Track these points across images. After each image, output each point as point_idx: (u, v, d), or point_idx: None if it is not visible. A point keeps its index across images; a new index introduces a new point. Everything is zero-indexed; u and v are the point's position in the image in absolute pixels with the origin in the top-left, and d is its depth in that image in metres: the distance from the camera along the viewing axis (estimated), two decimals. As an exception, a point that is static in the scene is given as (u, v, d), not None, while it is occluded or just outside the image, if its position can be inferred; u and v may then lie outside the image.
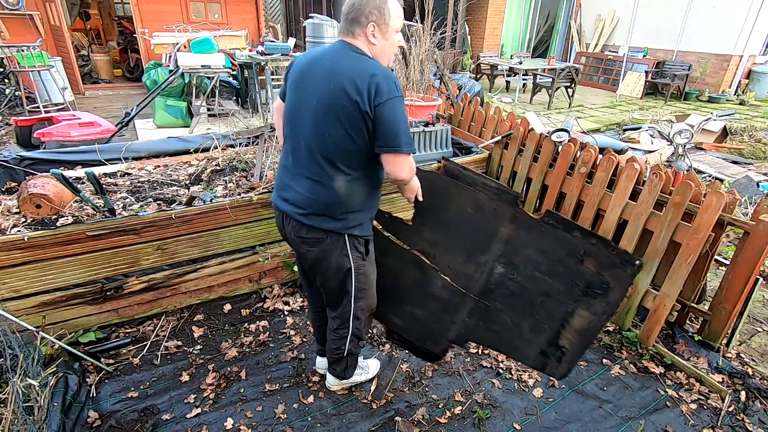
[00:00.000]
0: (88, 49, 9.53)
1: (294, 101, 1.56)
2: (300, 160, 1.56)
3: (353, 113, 1.43)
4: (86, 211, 2.56)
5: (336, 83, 1.43)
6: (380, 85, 1.40)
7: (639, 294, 2.42)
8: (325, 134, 1.48)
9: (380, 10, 1.47)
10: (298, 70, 1.57)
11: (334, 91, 1.43)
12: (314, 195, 1.55)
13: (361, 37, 1.50)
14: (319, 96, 1.46)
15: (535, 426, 1.99)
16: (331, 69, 1.46)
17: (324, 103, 1.45)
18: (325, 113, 1.46)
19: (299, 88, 1.54)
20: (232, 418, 1.95)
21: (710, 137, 6.07)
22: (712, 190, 2.11)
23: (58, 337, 2.13)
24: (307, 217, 1.57)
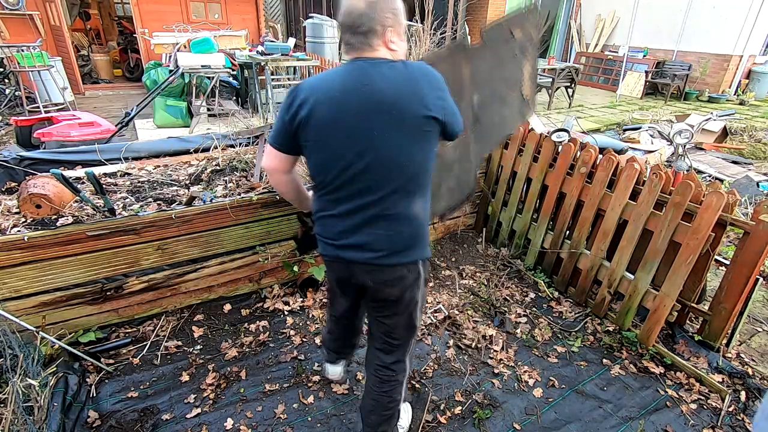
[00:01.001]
0: (88, 49, 9.53)
1: (337, 146, 1.34)
2: (365, 203, 1.37)
3: (431, 128, 1.34)
4: (86, 211, 2.56)
5: (401, 107, 1.28)
6: (438, 82, 1.35)
7: (639, 294, 2.42)
8: (403, 163, 1.34)
9: (394, 12, 1.34)
10: (322, 116, 1.32)
11: (403, 115, 1.29)
12: (395, 230, 1.40)
13: (381, 47, 1.34)
14: (381, 128, 1.30)
15: (535, 426, 1.99)
16: (382, 94, 1.28)
17: (395, 132, 1.30)
18: (400, 143, 1.32)
19: (339, 131, 1.32)
20: (232, 418, 1.95)
21: (710, 137, 6.07)
22: (712, 190, 2.11)
23: (58, 337, 2.13)
24: (389, 257, 1.41)
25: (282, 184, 1.57)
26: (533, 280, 3.00)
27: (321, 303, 2.71)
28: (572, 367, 2.33)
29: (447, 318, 2.62)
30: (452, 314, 2.65)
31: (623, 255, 2.48)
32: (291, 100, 1.36)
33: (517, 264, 3.13)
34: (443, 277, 3.05)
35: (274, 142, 1.44)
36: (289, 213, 2.64)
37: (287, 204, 2.60)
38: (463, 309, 2.70)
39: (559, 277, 2.91)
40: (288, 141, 1.41)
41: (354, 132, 1.31)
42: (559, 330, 2.58)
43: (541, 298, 2.86)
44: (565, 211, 2.79)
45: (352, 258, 1.44)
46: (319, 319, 2.57)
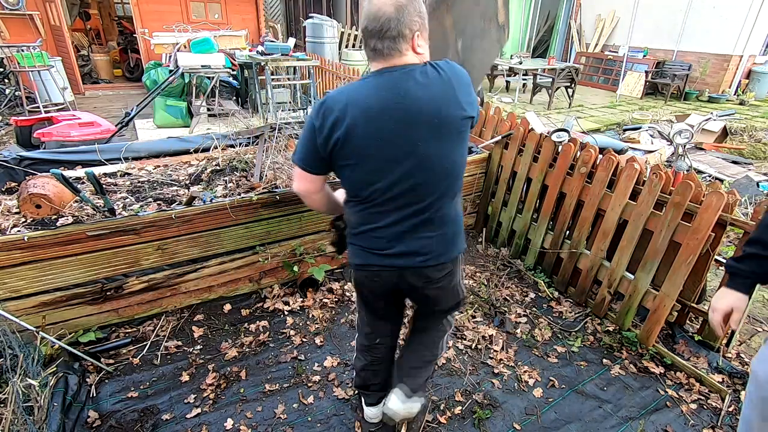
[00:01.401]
0: (88, 49, 9.53)
1: (380, 162, 1.32)
2: (413, 211, 1.39)
3: (466, 127, 1.36)
4: (86, 211, 2.56)
5: (440, 113, 1.29)
6: (465, 77, 1.36)
7: (639, 294, 2.42)
8: (447, 167, 1.37)
9: (421, 15, 1.29)
10: (361, 135, 1.29)
11: (442, 121, 1.30)
12: (442, 232, 1.44)
13: (409, 52, 1.30)
14: (424, 138, 1.30)
15: (535, 426, 1.99)
16: (420, 104, 1.27)
17: (436, 139, 1.31)
18: (442, 148, 1.33)
19: (381, 147, 1.30)
20: (232, 418, 1.95)
21: (710, 137, 6.07)
22: (712, 190, 2.11)
23: (58, 337, 2.13)
24: (437, 257, 1.46)
25: (317, 203, 1.55)
26: (533, 280, 3.00)
27: (321, 303, 2.71)
28: (572, 367, 2.33)
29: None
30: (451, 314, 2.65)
31: (623, 255, 2.48)
32: (321, 121, 1.30)
33: (517, 264, 3.13)
34: (443, 277, 3.05)
35: (305, 165, 1.40)
36: (289, 213, 2.64)
37: (287, 204, 2.60)
38: (463, 309, 2.70)
39: (559, 277, 2.91)
40: (321, 163, 1.39)
41: (397, 146, 1.30)
42: (559, 330, 2.58)
43: (541, 298, 2.86)
44: (565, 211, 2.79)
45: (403, 264, 1.45)
46: (319, 319, 2.58)
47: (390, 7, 1.25)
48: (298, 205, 2.64)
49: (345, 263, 3.03)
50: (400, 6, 1.25)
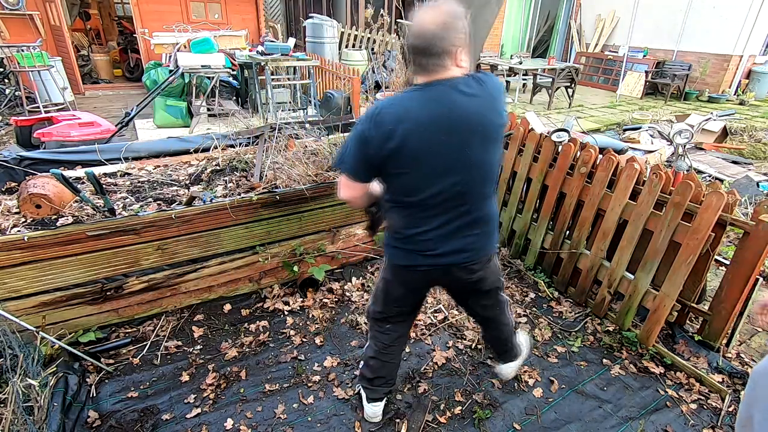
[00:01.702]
0: (88, 49, 9.53)
1: (431, 170, 1.42)
2: (459, 213, 1.50)
3: (502, 132, 1.51)
4: (86, 211, 2.56)
5: (484, 122, 1.41)
6: (501, 86, 1.49)
7: (639, 294, 2.42)
8: (488, 171, 1.50)
9: (465, 30, 1.37)
10: (414, 146, 1.37)
11: (486, 129, 1.42)
12: (484, 230, 1.58)
13: (453, 66, 1.38)
14: (471, 145, 1.41)
15: (535, 426, 1.99)
16: (467, 114, 1.37)
17: (481, 145, 1.43)
18: (486, 154, 1.45)
19: (432, 156, 1.40)
20: (232, 418, 1.95)
21: (710, 137, 6.07)
22: (712, 190, 2.11)
23: (58, 337, 2.13)
24: (480, 252, 1.60)
25: (359, 204, 1.64)
26: (533, 280, 3.00)
27: (321, 303, 2.71)
28: (572, 367, 2.33)
29: (447, 318, 2.62)
30: (452, 314, 2.65)
31: (623, 255, 2.48)
32: (374, 132, 1.37)
33: (517, 264, 3.13)
34: (443, 277, 3.05)
35: (355, 175, 1.48)
36: (289, 213, 2.64)
37: (287, 204, 2.60)
38: (463, 309, 2.69)
39: (559, 277, 2.91)
40: (370, 172, 1.48)
41: (447, 155, 1.40)
42: (559, 330, 2.58)
43: (541, 298, 2.86)
44: (565, 211, 2.79)
45: (451, 262, 1.57)
46: (319, 319, 2.58)
47: (435, 26, 1.32)
48: (298, 205, 2.64)
49: (345, 263, 3.03)
50: (444, 25, 1.32)
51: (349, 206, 1.64)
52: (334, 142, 3.25)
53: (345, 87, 6.30)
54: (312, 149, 3.20)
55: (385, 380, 1.92)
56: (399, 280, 1.72)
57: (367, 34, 9.62)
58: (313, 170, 2.88)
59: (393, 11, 9.88)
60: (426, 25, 1.33)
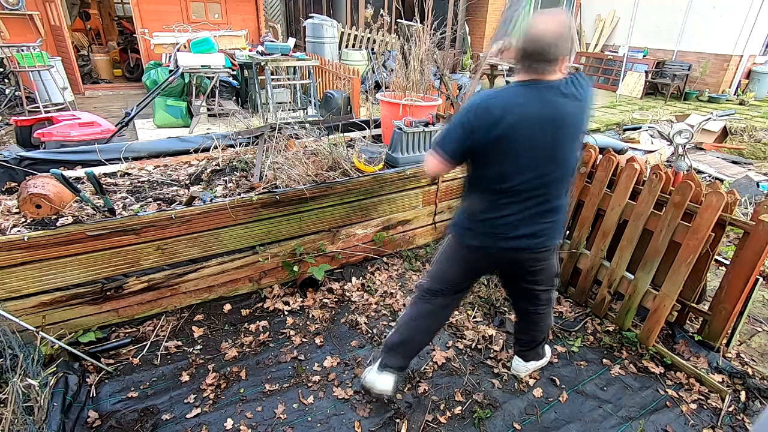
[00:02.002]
0: (88, 49, 9.53)
1: (528, 160, 1.56)
2: (539, 201, 1.65)
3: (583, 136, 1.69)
4: (86, 211, 2.56)
5: (577, 122, 1.59)
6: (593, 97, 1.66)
7: (639, 294, 2.42)
8: (572, 165, 1.66)
9: (573, 41, 1.58)
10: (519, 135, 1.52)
11: (578, 128, 1.60)
12: (557, 219, 1.72)
13: (558, 72, 1.55)
14: (565, 142, 1.58)
15: (535, 426, 1.99)
16: (566, 113, 1.55)
17: (571, 142, 1.61)
18: (572, 150, 1.63)
19: (532, 148, 1.55)
20: (232, 418, 1.95)
21: (710, 137, 6.07)
22: (712, 190, 2.11)
23: (58, 337, 2.13)
24: (550, 240, 1.74)
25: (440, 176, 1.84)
26: (533, 280, 2.99)
27: (321, 303, 2.71)
28: (572, 367, 2.33)
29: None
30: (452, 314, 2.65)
31: (623, 255, 2.48)
32: (479, 121, 1.52)
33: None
34: (443, 277, 3.05)
35: (450, 156, 1.61)
36: (289, 213, 2.64)
37: (287, 204, 2.60)
38: (463, 309, 2.70)
39: (559, 277, 2.90)
40: (465, 156, 1.63)
41: (542, 149, 1.55)
42: (559, 330, 2.58)
43: (541, 298, 2.86)
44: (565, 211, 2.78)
45: (523, 246, 1.70)
46: (319, 319, 2.58)
47: (551, 36, 1.47)
48: (298, 205, 2.64)
49: (345, 263, 3.03)
50: (560, 36, 1.48)
51: (428, 175, 1.90)
52: (334, 142, 3.25)
53: (345, 87, 6.30)
54: (312, 149, 3.20)
55: (406, 351, 1.95)
56: (464, 259, 1.84)
57: (367, 34, 9.62)
58: (313, 170, 2.88)
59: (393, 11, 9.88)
60: (543, 34, 1.48)
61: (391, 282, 2.94)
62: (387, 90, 4.14)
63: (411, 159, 3.22)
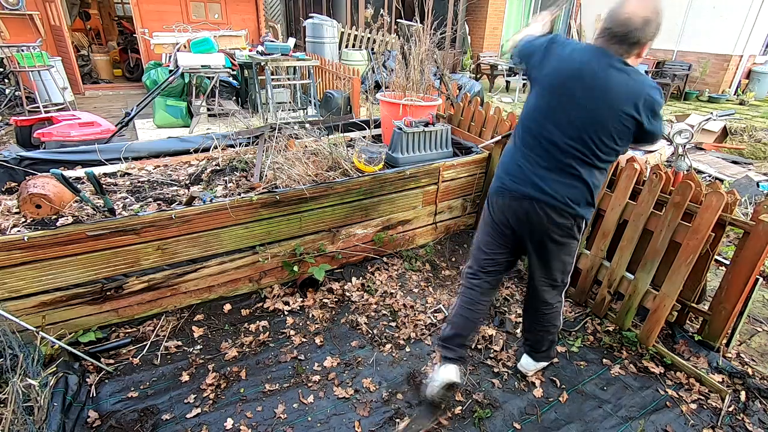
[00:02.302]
0: (88, 49, 9.53)
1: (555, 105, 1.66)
2: (558, 159, 1.69)
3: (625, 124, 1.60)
4: (86, 211, 2.56)
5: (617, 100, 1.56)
6: (655, 89, 1.58)
7: (639, 294, 2.42)
8: (595, 139, 1.62)
9: (658, 28, 1.53)
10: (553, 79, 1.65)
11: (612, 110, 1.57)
12: (575, 184, 1.71)
13: (634, 55, 1.57)
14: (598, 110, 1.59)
15: (535, 426, 1.99)
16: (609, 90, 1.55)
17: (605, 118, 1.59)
18: (604, 127, 1.60)
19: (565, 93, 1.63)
20: (232, 418, 1.95)
21: (710, 137, 6.07)
22: (712, 190, 2.11)
23: (58, 337, 2.13)
24: (558, 198, 1.72)
25: None
26: (533, 280, 2.99)
27: (321, 303, 2.71)
28: (572, 366, 2.33)
29: (447, 318, 2.62)
30: (452, 314, 2.65)
31: (623, 255, 2.48)
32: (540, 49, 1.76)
33: (516, 264, 3.13)
34: (443, 277, 3.05)
35: (520, 52, 1.84)
36: (289, 213, 2.64)
37: (287, 204, 2.60)
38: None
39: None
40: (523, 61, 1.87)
41: (572, 105, 1.66)
42: (559, 330, 2.58)
43: (541, 298, 2.86)
44: (565, 211, 2.78)
45: (531, 194, 1.76)
46: (319, 319, 2.58)
47: (640, 20, 1.48)
48: (298, 205, 2.64)
49: (345, 263, 3.03)
50: (648, 20, 1.48)
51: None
52: (334, 142, 3.25)
53: (345, 87, 6.30)
54: (312, 149, 3.20)
55: (463, 339, 1.99)
56: (488, 213, 1.92)
57: (367, 34, 9.62)
58: (313, 170, 2.88)
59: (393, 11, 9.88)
60: (631, 16, 1.49)
61: (391, 282, 2.94)
62: (387, 90, 4.14)
63: (411, 159, 3.22)
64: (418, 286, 2.92)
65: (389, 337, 2.46)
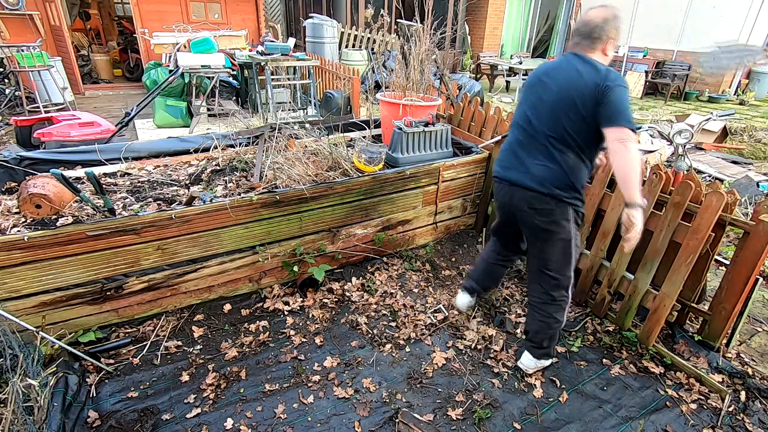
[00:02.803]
0: (88, 49, 9.53)
1: (531, 101, 1.97)
2: (530, 146, 1.95)
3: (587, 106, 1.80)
4: (86, 211, 2.56)
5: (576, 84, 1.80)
6: (610, 73, 1.77)
7: (639, 294, 2.42)
8: (560, 126, 1.85)
9: (618, 29, 1.85)
10: (533, 83, 1.98)
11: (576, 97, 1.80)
12: (549, 166, 1.90)
13: (598, 51, 1.85)
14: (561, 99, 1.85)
15: (535, 426, 1.99)
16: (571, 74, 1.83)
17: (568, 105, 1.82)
18: (566, 115, 1.83)
19: (536, 89, 1.95)
20: (232, 418, 1.95)
21: (710, 137, 6.07)
22: (712, 190, 2.11)
23: (58, 337, 2.13)
24: (534, 180, 1.92)
25: None
26: (533, 280, 2.99)
27: (321, 303, 2.71)
28: (572, 367, 2.33)
29: (447, 318, 2.63)
30: (452, 314, 2.65)
31: (623, 255, 2.48)
32: None
33: (516, 264, 3.13)
34: (443, 277, 3.05)
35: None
36: (289, 213, 2.64)
37: (287, 204, 2.60)
38: (463, 309, 2.70)
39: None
40: None
41: (544, 97, 1.96)
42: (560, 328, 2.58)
43: (541, 298, 2.86)
44: (565, 211, 2.78)
45: (510, 178, 2.03)
46: (319, 319, 2.58)
47: (600, 19, 1.82)
48: (298, 205, 2.64)
49: (345, 263, 3.04)
50: (606, 19, 1.82)
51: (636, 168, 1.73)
52: (334, 142, 3.25)
53: (345, 87, 6.30)
54: (312, 149, 3.20)
55: (474, 278, 2.51)
56: (494, 198, 2.25)
57: (367, 34, 9.62)
58: (313, 170, 2.88)
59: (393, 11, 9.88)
60: (593, 17, 1.83)
61: (391, 282, 2.94)
62: (387, 90, 4.14)
63: (411, 159, 3.22)
64: (418, 286, 2.92)
65: (389, 337, 2.46)
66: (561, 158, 1.86)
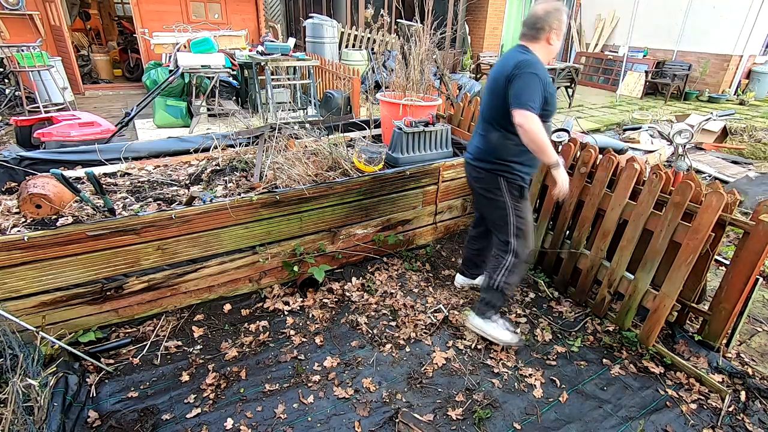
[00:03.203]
0: (88, 49, 9.53)
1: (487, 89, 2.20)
2: (480, 126, 2.26)
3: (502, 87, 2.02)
4: (86, 211, 2.56)
5: (501, 72, 2.03)
6: (520, 62, 1.96)
7: (639, 294, 2.42)
8: (492, 105, 2.12)
9: (560, 20, 2.03)
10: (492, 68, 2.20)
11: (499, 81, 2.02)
12: (484, 142, 2.22)
13: (543, 41, 2.04)
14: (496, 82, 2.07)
15: (535, 426, 1.99)
16: (503, 63, 2.06)
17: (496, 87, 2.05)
18: (493, 92, 2.08)
19: (489, 80, 2.16)
20: (232, 418, 1.95)
21: (710, 137, 6.07)
22: (712, 190, 2.11)
23: (58, 337, 2.13)
24: (475, 154, 2.27)
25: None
26: (533, 279, 3.00)
27: (321, 303, 2.71)
28: (572, 367, 2.33)
29: (447, 318, 2.62)
30: (452, 314, 2.65)
31: (623, 255, 2.48)
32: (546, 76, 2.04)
33: (517, 264, 3.13)
34: (443, 277, 3.05)
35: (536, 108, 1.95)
36: (289, 213, 2.64)
37: (287, 204, 2.60)
38: (463, 309, 2.70)
39: (559, 277, 2.91)
40: None
41: (489, 85, 2.17)
42: (559, 330, 2.58)
43: (541, 298, 2.86)
44: (566, 211, 2.79)
45: (465, 157, 2.43)
46: (319, 319, 2.58)
47: (542, 11, 2.01)
48: (298, 205, 2.64)
49: (345, 263, 3.04)
50: (548, 11, 2.01)
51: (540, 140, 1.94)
52: (334, 142, 3.25)
53: (345, 87, 6.30)
54: (312, 149, 3.20)
55: (464, 259, 2.85)
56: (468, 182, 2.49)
57: (367, 34, 9.62)
58: (313, 170, 2.88)
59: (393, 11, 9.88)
60: (537, 10, 2.02)
61: (391, 282, 2.94)
62: (387, 90, 4.14)
63: (411, 159, 3.22)
64: (418, 286, 2.92)
65: (389, 337, 2.46)
66: (489, 136, 2.16)
